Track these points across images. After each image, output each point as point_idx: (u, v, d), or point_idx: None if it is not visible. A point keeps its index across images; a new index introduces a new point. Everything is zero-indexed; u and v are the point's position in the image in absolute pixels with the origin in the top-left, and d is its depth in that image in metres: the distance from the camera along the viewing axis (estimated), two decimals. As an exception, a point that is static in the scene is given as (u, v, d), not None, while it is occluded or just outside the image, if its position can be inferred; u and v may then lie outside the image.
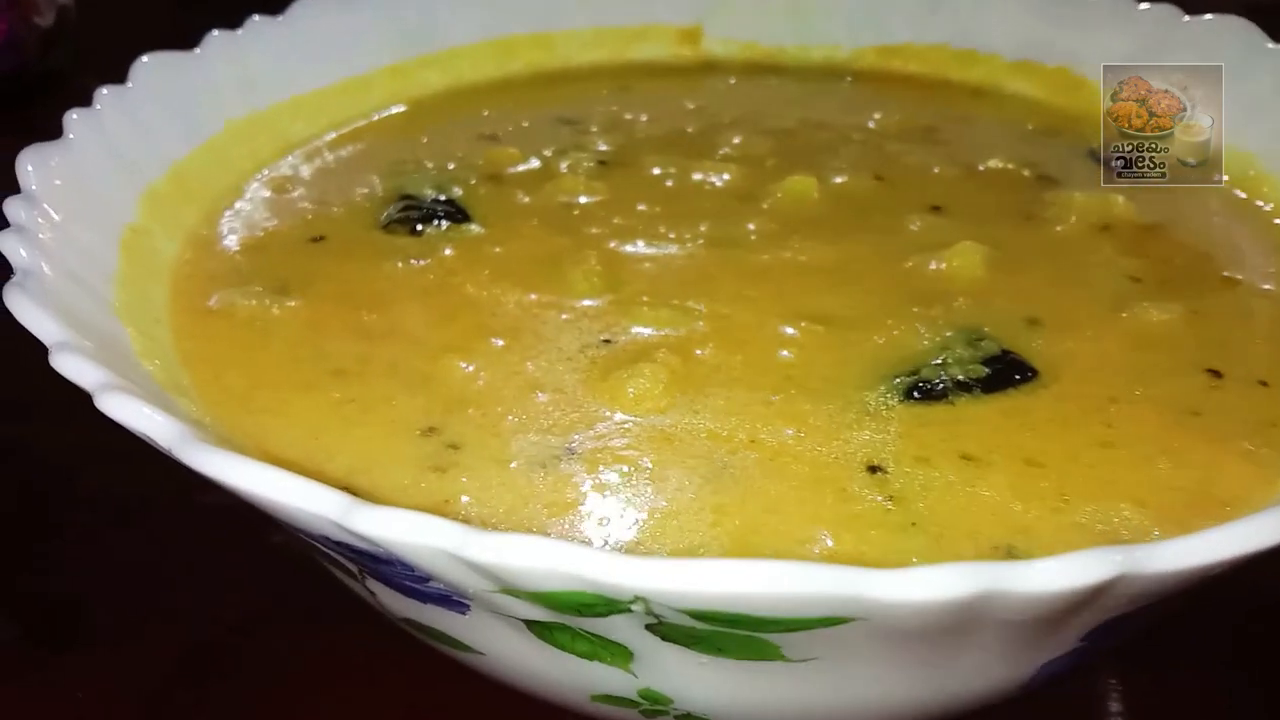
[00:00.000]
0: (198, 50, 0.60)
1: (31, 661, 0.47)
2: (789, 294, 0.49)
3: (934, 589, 0.25)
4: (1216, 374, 0.44)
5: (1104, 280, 0.51)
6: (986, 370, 0.43)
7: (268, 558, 0.49)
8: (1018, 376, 0.43)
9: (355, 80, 0.66)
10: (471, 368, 0.44)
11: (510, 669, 0.36)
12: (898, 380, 0.43)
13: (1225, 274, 0.51)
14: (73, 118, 0.50)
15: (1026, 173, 0.61)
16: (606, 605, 0.28)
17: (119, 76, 0.55)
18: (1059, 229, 0.55)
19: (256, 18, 0.64)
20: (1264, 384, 0.43)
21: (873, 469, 0.39)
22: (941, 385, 0.42)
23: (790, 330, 0.46)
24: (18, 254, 0.40)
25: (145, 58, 0.57)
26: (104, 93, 0.53)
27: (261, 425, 0.41)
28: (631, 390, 0.42)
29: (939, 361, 0.44)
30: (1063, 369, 0.44)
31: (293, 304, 0.48)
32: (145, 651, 0.47)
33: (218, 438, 0.37)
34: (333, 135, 0.64)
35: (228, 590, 0.50)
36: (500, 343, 0.45)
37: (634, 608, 0.28)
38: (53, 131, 0.49)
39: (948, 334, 0.46)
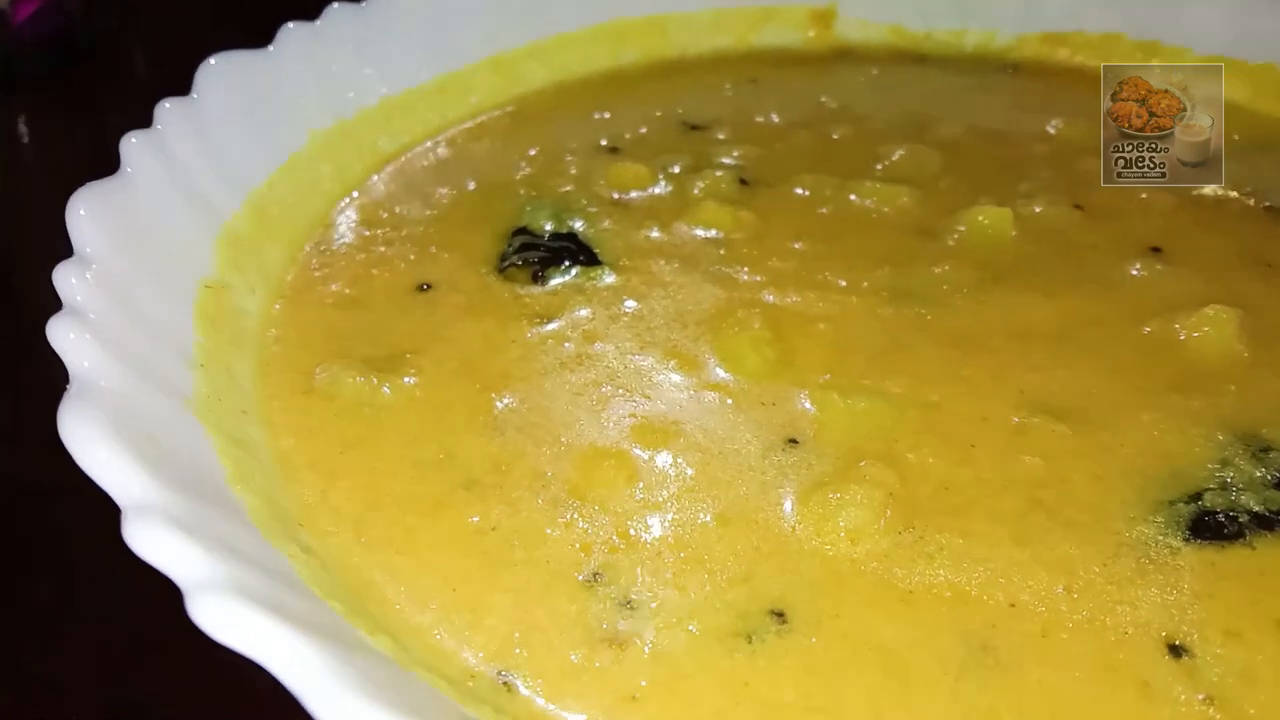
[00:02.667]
0: (270, 48, 0.50)
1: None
2: (1009, 371, 0.40)
3: None
4: None
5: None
6: (1287, 498, 0.34)
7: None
8: (1320, 505, 0.34)
9: (452, 76, 0.56)
10: (636, 483, 0.35)
11: None
12: (1175, 506, 0.34)
13: None
14: (132, 142, 0.41)
15: (1251, 202, 0.51)
16: None
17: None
18: (1312, 283, 0.46)
19: (335, 5, 0.54)
20: None
21: (1174, 649, 0.30)
22: (1235, 520, 0.34)
23: (1018, 421, 0.37)
24: (72, 353, 0.31)
25: (212, 60, 0.48)
26: (166, 108, 0.44)
27: (384, 566, 0.32)
28: (843, 524, 0.33)
29: (1224, 482, 0.35)
30: (1375, 491, 0.35)
31: (409, 382, 0.39)
32: None
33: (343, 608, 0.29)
34: (429, 144, 0.55)
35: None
36: (663, 445, 0.37)
37: None
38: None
39: (1220, 437, 0.37)
